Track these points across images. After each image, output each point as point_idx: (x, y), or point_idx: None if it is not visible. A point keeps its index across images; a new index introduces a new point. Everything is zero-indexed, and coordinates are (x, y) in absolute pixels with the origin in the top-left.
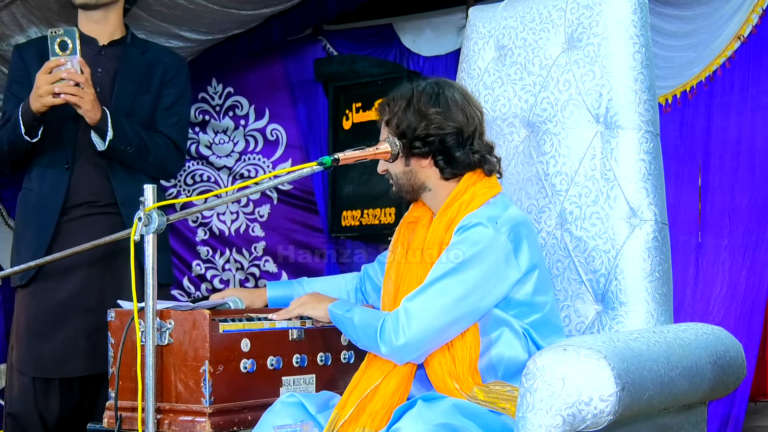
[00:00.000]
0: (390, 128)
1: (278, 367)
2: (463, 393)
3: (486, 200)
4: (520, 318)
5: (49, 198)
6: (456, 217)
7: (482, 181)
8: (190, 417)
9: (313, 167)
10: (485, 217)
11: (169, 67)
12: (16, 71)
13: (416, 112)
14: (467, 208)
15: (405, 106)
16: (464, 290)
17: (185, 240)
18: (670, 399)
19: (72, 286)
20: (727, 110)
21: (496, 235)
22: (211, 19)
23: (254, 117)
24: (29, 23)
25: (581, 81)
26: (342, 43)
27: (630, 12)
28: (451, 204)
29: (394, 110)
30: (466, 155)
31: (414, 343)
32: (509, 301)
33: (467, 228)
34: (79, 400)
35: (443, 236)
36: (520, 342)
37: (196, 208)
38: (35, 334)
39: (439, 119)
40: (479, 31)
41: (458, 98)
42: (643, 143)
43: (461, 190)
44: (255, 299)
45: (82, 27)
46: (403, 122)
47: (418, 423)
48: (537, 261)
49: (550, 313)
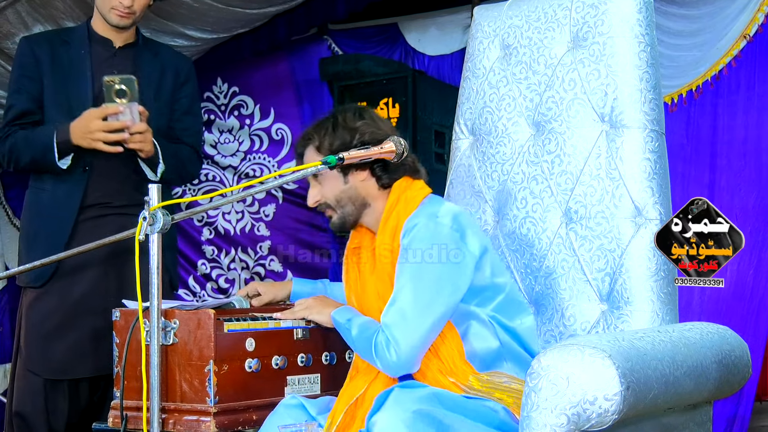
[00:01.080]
0: (322, 151)
1: (283, 367)
2: (460, 386)
3: (420, 201)
4: (485, 305)
5: (66, 199)
6: (398, 225)
7: (411, 186)
8: (194, 416)
9: (318, 166)
10: (424, 215)
11: (180, 70)
12: (26, 66)
13: (344, 129)
14: (405, 213)
15: (332, 126)
16: (432, 291)
17: (190, 239)
18: (675, 398)
19: (84, 286)
20: (734, 109)
21: (438, 228)
22: (216, 18)
23: (259, 116)
24: (34, 21)
25: (586, 80)
26: (347, 43)
27: (635, 11)
28: (389, 216)
29: (322, 133)
30: (401, 160)
31: (406, 358)
32: (471, 290)
33: (410, 230)
34: (87, 401)
35: (391, 243)
36: (489, 331)
37: (201, 208)
38: (47, 335)
39: (369, 129)
40: (484, 30)
41: (378, 116)
42: (648, 142)
43: (394, 200)
44: (278, 292)
45: (96, 29)
46: (336, 139)
47: (395, 411)
48: (486, 244)
49: (511, 292)
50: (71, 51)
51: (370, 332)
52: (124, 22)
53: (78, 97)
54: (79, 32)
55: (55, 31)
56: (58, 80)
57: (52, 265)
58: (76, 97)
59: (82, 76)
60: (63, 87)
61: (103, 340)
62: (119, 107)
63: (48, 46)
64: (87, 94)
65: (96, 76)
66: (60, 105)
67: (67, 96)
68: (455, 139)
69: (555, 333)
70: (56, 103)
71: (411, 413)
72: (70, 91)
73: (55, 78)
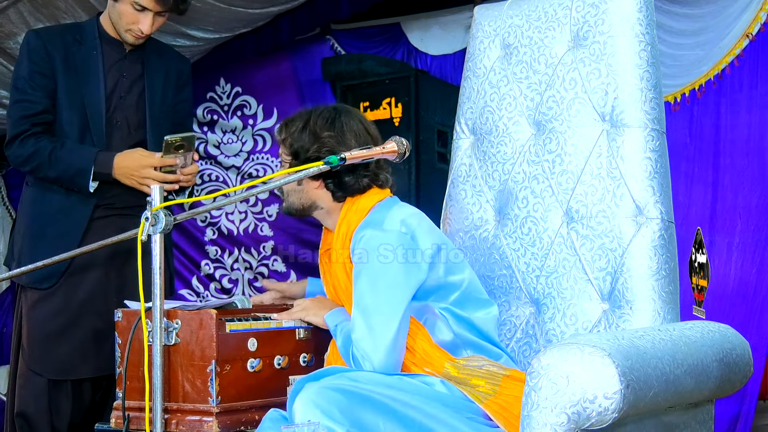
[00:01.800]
0: (284, 147)
1: (285, 367)
2: (436, 375)
3: (370, 207)
4: (439, 301)
5: (78, 202)
6: (348, 232)
7: (363, 196)
8: (197, 417)
9: (320, 166)
10: (369, 225)
11: (182, 73)
12: (40, 61)
13: (311, 134)
14: (355, 220)
15: (301, 127)
16: (389, 295)
17: (194, 239)
18: (676, 397)
19: (88, 287)
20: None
21: (387, 234)
22: (218, 18)
23: (262, 116)
24: (36, 21)
25: (587, 79)
26: (350, 42)
27: (635, 10)
28: (341, 223)
29: (291, 130)
30: (356, 180)
31: (383, 364)
32: (425, 290)
33: (358, 241)
34: (89, 401)
35: (340, 252)
36: (442, 323)
37: (204, 208)
38: (51, 335)
39: (331, 143)
40: (485, 29)
41: (354, 125)
42: (649, 141)
43: (348, 206)
44: (292, 287)
45: (106, 28)
46: (297, 142)
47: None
48: (439, 242)
49: (469, 288)
50: (83, 50)
51: (349, 344)
52: (139, 42)
53: (91, 99)
54: (89, 30)
55: (66, 27)
56: (71, 80)
57: (60, 267)
58: (89, 98)
59: (95, 77)
60: (77, 87)
61: (106, 340)
62: (176, 159)
63: (60, 42)
64: (99, 95)
65: (107, 77)
66: (74, 105)
67: (81, 97)
68: (456, 138)
69: (557, 332)
70: (70, 104)
71: (318, 389)
72: (83, 93)
73: (68, 78)
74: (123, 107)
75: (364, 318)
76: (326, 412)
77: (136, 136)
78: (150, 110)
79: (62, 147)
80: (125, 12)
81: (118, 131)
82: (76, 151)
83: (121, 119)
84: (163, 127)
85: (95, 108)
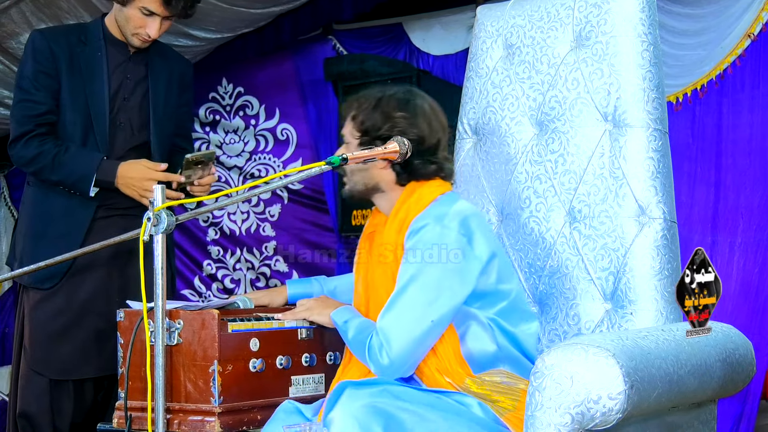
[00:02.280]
0: (354, 124)
1: (287, 367)
2: (455, 386)
3: (433, 199)
4: (486, 309)
5: (80, 203)
6: (406, 219)
7: (427, 183)
8: (199, 417)
9: (322, 167)
10: (432, 216)
11: (184, 75)
12: (44, 61)
13: (383, 113)
14: (416, 208)
15: (374, 105)
16: (431, 295)
17: (196, 240)
18: (679, 397)
19: (90, 287)
20: (739, 108)
21: (445, 231)
22: (220, 18)
23: (264, 116)
24: (38, 21)
25: (589, 79)
26: (352, 42)
27: (638, 10)
28: (400, 208)
29: (363, 107)
30: (423, 165)
31: (398, 361)
32: (473, 294)
33: (416, 231)
34: (91, 401)
35: (396, 239)
36: (486, 333)
37: (206, 208)
38: (53, 335)
39: (403, 124)
40: (487, 29)
41: (426, 108)
42: (651, 141)
43: (409, 192)
44: (275, 297)
45: (111, 30)
46: (368, 120)
47: (347, 406)
48: (495, 249)
49: (516, 300)
50: (87, 51)
51: (365, 335)
52: (145, 45)
53: (95, 100)
54: (94, 31)
55: (71, 27)
56: (76, 81)
57: (62, 267)
58: (93, 99)
59: (99, 79)
60: (81, 88)
61: (108, 340)
62: (181, 178)
63: (65, 42)
64: (103, 96)
65: (111, 78)
66: (77, 106)
67: (85, 98)
68: (459, 138)
69: (559, 332)
70: (74, 105)
71: (361, 406)
72: (87, 94)
73: (73, 79)
74: (126, 109)
75: (398, 308)
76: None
77: (140, 138)
78: (153, 112)
79: (66, 152)
80: (133, 17)
81: (121, 132)
82: (80, 156)
83: (125, 121)
84: (166, 129)
85: (99, 109)
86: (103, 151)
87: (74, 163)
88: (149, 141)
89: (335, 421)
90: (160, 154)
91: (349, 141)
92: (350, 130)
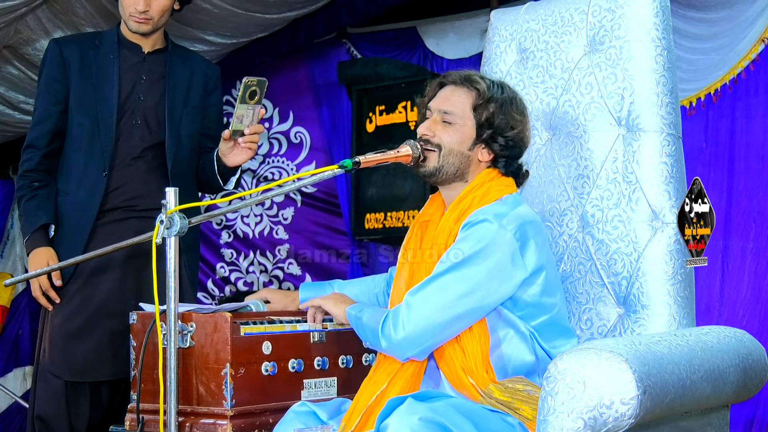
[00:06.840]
0: (474, 103)
1: (299, 370)
2: (478, 389)
3: (499, 197)
4: (527, 320)
5: (86, 203)
6: (468, 210)
7: (499, 178)
8: (211, 420)
9: (335, 170)
10: (492, 213)
11: (209, 78)
12: (54, 67)
13: (509, 115)
14: (480, 202)
15: (506, 101)
16: (467, 287)
17: (209, 242)
18: (693, 402)
19: (105, 289)
20: (752, 113)
21: (501, 231)
22: (235, 23)
23: (278, 120)
24: (54, 27)
25: (603, 84)
26: (366, 46)
27: (652, 15)
28: (465, 197)
29: (494, 94)
30: (520, 166)
31: (412, 337)
32: (516, 302)
33: (473, 224)
34: (107, 404)
35: (452, 228)
36: (525, 344)
37: (219, 211)
38: (69, 337)
39: (522, 128)
40: (501, 34)
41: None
42: (665, 146)
43: (477, 184)
44: (288, 303)
45: (125, 34)
46: (497, 117)
47: (404, 418)
48: (545, 262)
49: (558, 315)
50: (100, 55)
51: (381, 315)
52: (143, 29)
53: (104, 102)
54: (109, 37)
55: (87, 35)
56: (85, 84)
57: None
58: (102, 101)
59: (109, 80)
60: (90, 91)
61: (123, 343)
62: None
63: (77, 48)
64: (113, 98)
65: (123, 81)
66: (86, 109)
67: (94, 100)
68: None
69: None
70: (82, 107)
71: (418, 419)
72: (96, 96)
73: (82, 81)
74: (143, 108)
75: (430, 290)
76: None
77: (156, 137)
78: (170, 111)
79: (29, 200)
80: None
81: (138, 131)
82: (30, 212)
83: (141, 120)
84: (185, 129)
85: (107, 110)
86: (109, 155)
87: (26, 214)
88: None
89: (390, 427)
90: (174, 153)
91: (454, 121)
92: (467, 113)
